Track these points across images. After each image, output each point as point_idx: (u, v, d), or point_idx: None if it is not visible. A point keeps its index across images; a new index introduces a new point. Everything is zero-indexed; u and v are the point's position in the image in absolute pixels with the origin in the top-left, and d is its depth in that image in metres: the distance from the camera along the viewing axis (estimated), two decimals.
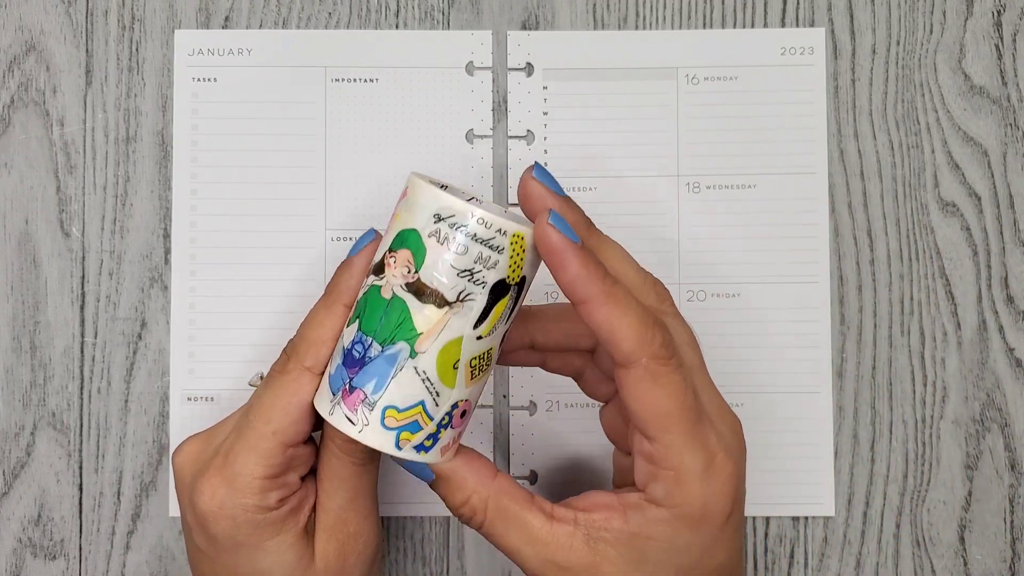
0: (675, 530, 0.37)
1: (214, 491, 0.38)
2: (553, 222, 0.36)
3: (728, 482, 0.37)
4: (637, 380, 0.36)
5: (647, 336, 0.36)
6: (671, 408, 0.36)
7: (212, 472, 0.39)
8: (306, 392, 0.39)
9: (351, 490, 0.41)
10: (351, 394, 0.37)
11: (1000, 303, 0.49)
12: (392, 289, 0.36)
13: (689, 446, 0.36)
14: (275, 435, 0.38)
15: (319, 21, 0.49)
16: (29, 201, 0.49)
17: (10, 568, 0.48)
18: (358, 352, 0.37)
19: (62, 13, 0.49)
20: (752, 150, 0.49)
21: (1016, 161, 0.49)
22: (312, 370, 0.39)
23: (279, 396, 0.39)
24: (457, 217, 0.36)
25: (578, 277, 0.36)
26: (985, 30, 0.49)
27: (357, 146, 0.49)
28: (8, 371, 0.48)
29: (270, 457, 0.38)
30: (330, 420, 0.37)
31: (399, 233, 0.37)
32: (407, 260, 0.36)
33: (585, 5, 0.49)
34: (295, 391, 0.38)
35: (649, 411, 0.37)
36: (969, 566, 0.49)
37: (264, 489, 0.38)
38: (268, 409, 0.39)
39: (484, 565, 0.49)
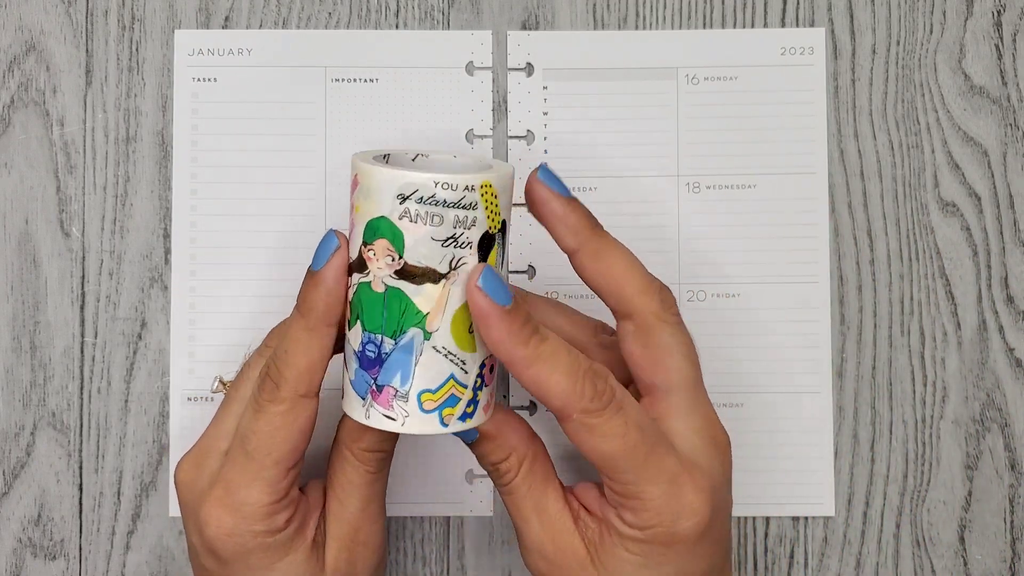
0: (649, 548, 0.37)
1: (220, 520, 0.38)
2: (483, 285, 0.35)
3: (697, 498, 0.37)
4: (574, 432, 0.37)
5: (576, 392, 0.36)
6: (614, 452, 0.37)
7: (214, 502, 0.38)
8: (305, 418, 0.38)
9: (364, 498, 0.40)
10: (381, 393, 0.37)
11: (1000, 303, 0.49)
12: (382, 281, 0.36)
13: (645, 477, 0.37)
14: (278, 464, 0.38)
15: (319, 21, 0.49)
16: (29, 201, 0.49)
17: (10, 568, 0.48)
18: (372, 352, 0.37)
19: (62, 13, 0.49)
20: (752, 150, 0.49)
21: (1016, 161, 0.49)
22: (307, 395, 0.38)
23: (279, 428, 0.38)
24: (421, 190, 0.35)
25: (501, 342, 0.36)
26: (985, 30, 0.49)
27: (357, 146, 0.49)
28: (8, 371, 0.48)
29: (275, 484, 0.38)
30: (368, 423, 0.37)
31: (368, 224, 0.36)
32: (387, 249, 0.36)
33: (585, 5, 0.49)
34: (294, 419, 0.38)
35: (595, 458, 0.37)
36: (969, 566, 0.49)
37: (272, 513, 0.38)
38: (268, 440, 0.38)
39: (484, 565, 0.49)
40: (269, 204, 0.49)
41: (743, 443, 0.48)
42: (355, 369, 0.37)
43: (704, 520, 0.37)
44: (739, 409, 0.48)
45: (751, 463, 0.48)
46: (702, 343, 0.48)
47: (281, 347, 0.38)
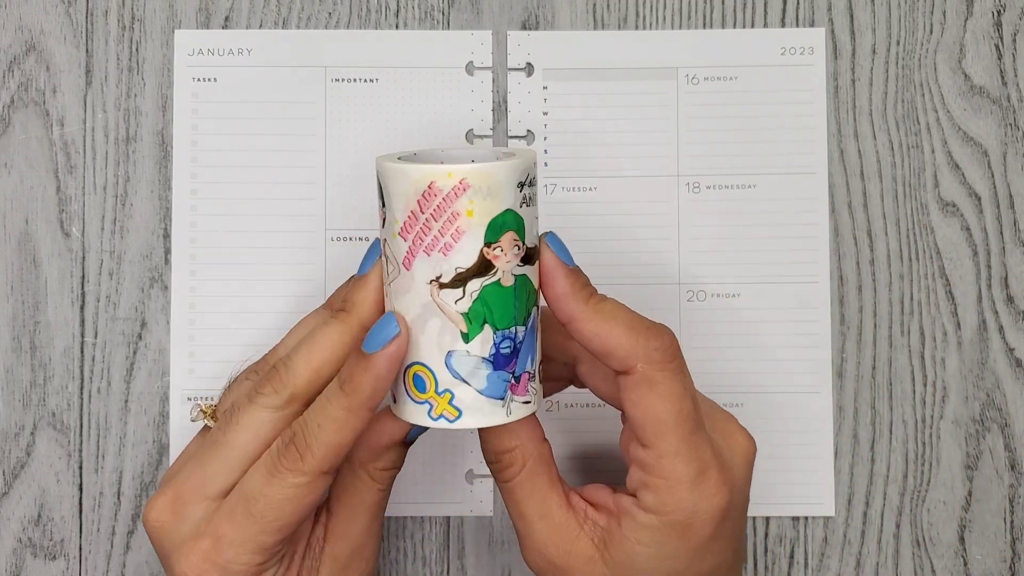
0: (663, 536, 0.37)
1: (204, 574, 0.37)
2: (553, 244, 0.37)
3: (718, 494, 0.37)
4: (634, 385, 0.37)
5: (640, 341, 0.37)
6: (668, 414, 0.37)
7: (200, 555, 0.37)
8: (321, 493, 0.37)
9: (372, 515, 0.40)
10: (519, 383, 0.37)
11: (1000, 303, 0.49)
12: (511, 274, 0.36)
13: (682, 455, 0.37)
14: (280, 531, 0.37)
15: (319, 21, 0.49)
16: (29, 201, 0.49)
17: (10, 568, 0.48)
18: (508, 348, 0.37)
19: (62, 13, 0.49)
20: (752, 150, 0.49)
21: (1016, 161, 0.49)
22: (329, 473, 0.37)
23: (292, 499, 0.36)
24: (531, 173, 0.37)
25: (565, 296, 0.37)
26: (985, 30, 0.49)
27: (357, 146, 0.49)
28: (8, 371, 0.48)
29: (271, 548, 0.37)
30: (509, 419, 0.37)
31: (491, 223, 0.35)
32: (513, 240, 0.36)
33: (585, 5, 0.49)
34: (309, 493, 0.37)
35: (646, 416, 0.37)
36: (969, 566, 0.49)
37: (260, 572, 0.37)
38: (278, 509, 0.36)
39: (484, 565, 0.49)
40: (269, 204, 0.49)
41: None
42: (487, 375, 0.37)
43: (720, 515, 0.37)
44: (739, 409, 0.48)
45: None
46: (702, 343, 0.49)
47: (314, 419, 0.37)
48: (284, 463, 0.36)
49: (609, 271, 0.48)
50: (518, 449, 0.39)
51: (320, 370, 0.38)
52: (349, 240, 0.49)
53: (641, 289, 0.48)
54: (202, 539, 0.37)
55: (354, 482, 0.40)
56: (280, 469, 0.36)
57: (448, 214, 0.35)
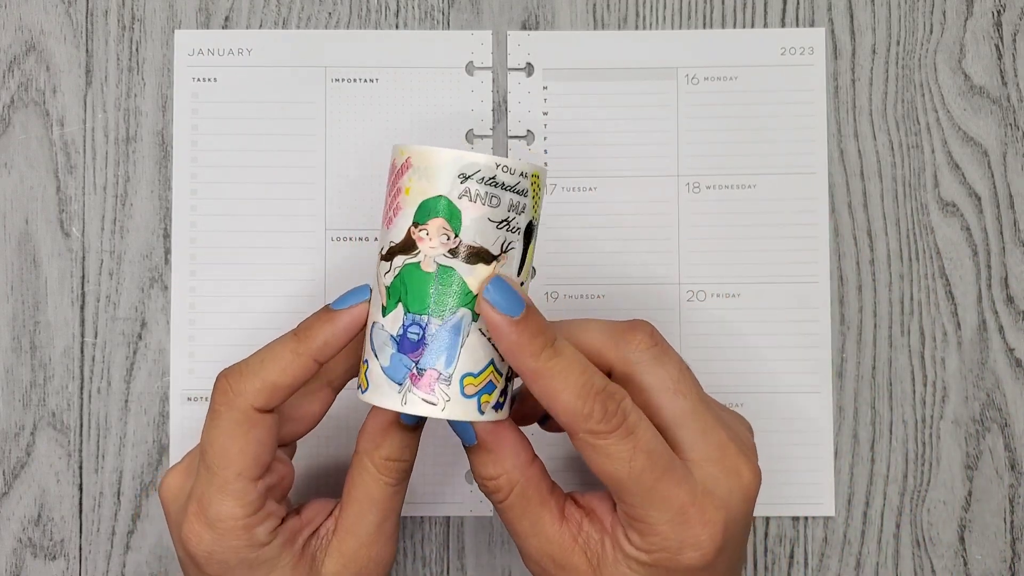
0: (652, 571, 0.37)
1: (200, 537, 0.37)
2: (489, 297, 0.35)
3: (703, 531, 0.36)
4: (580, 448, 0.37)
5: (584, 411, 0.36)
6: (619, 475, 0.36)
7: (192, 518, 0.38)
8: (261, 429, 0.37)
9: (382, 512, 0.39)
10: (422, 376, 0.36)
11: (1000, 303, 0.49)
12: (434, 260, 0.36)
13: (651, 504, 0.36)
14: (240, 476, 0.37)
15: (319, 21, 0.49)
16: (29, 201, 0.49)
17: (10, 568, 0.48)
18: (415, 334, 0.36)
19: (62, 13, 0.49)
20: (752, 150, 0.49)
21: (1016, 161, 0.49)
22: (262, 409, 0.37)
23: (235, 439, 0.37)
24: (483, 171, 0.36)
25: (510, 352, 0.36)
26: (985, 30, 0.49)
27: (357, 146, 0.49)
28: (8, 371, 0.48)
29: (243, 496, 0.37)
30: (404, 410, 0.37)
31: (422, 204, 0.36)
32: (442, 228, 0.36)
33: (585, 5, 0.49)
34: (250, 430, 0.37)
35: (601, 477, 0.37)
36: (969, 566, 0.49)
37: (249, 527, 0.37)
38: (224, 453, 0.37)
39: (484, 565, 0.49)
40: (269, 204, 0.49)
41: None
42: (391, 355, 0.37)
43: (710, 554, 0.36)
44: (739, 409, 0.48)
45: None
46: (702, 343, 0.49)
47: (256, 357, 0.37)
48: (217, 400, 0.37)
49: (609, 271, 0.48)
50: (504, 476, 0.38)
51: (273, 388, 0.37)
52: (349, 240, 0.48)
53: (641, 289, 0.48)
54: (191, 503, 0.38)
55: (361, 475, 0.39)
56: (216, 408, 0.37)
57: (395, 189, 0.37)
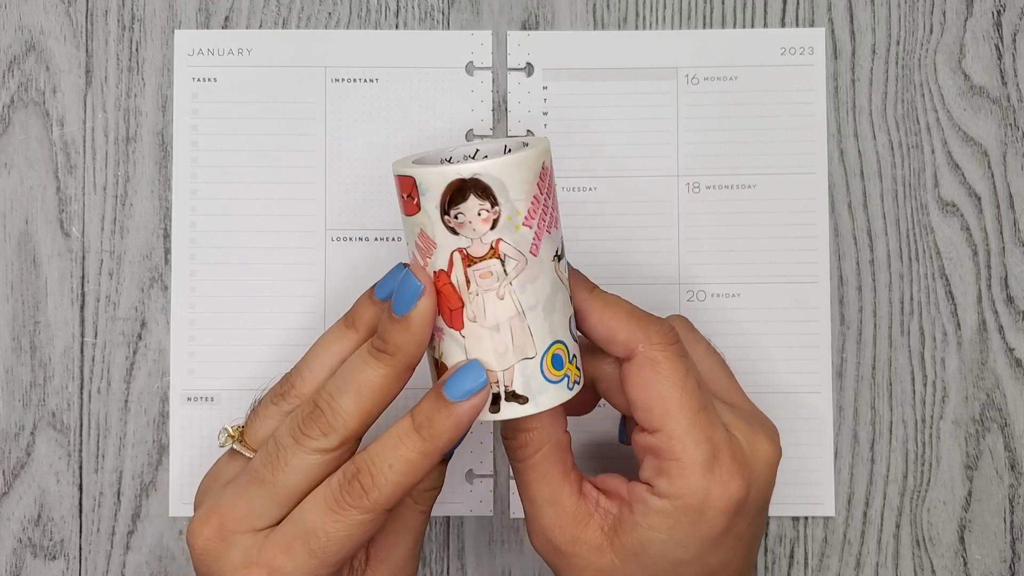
0: (675, 522, 0.37)
1: None
2: None
3: (732, 482, 0.37)
4: (638, 368, 0.37)
5: (640, 326, 0.38)
6: (672, 394, 0.37)
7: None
8: (378, 528, 0.37)
9: (416, 537, 0.40)
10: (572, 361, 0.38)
11: (1000, 303, 0.49)
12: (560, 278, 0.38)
13: (692, 436, 0.37)
14: (337, 564, 0.37)
15: (319, 21, 0.49)
16: (29, 201, 0.49)
17: (10, 568, 0.48)
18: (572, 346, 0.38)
19: (62, 13, 0.49)
20: (752, 150, 0.49)
21: (1016, 161, 0.49)
22: (392, 510, 0.37)
23: (355, 536, 0.36)
24: None
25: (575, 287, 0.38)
26: (985, 30, 0.49)
27: (357, 146, 0.49)
28: (8, 371, 0.48)
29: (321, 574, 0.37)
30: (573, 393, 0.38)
31: None
32: None
33: (585, 5, 0.49)
34: (371, 530, 0.36)
35: (651, 397, 0.37)
36: (969, 566, 0.49)
37: None
38: (340, 546, 0.36)
39: (484, 565, 0.49)
40: (269, 204, 0.49)
41: None
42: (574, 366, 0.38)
43: (734, 506, 0.37)
44: None
45: None
46: None
47: (384, 458, 0.36)
48: (348, 499, 0.36)
49: (609, 271, 0.48)
50: (537, 431, 0.39)
51: (371, 413, 0.37)
52: (349, 240, 0.48)
53: (641, 289, 0.48)
54: (254, 568, 0.36)
55: (398, 508, 0.39)
56: (344, 506, 0.36)
57: (554, 189, 0.38)
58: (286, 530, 0.37)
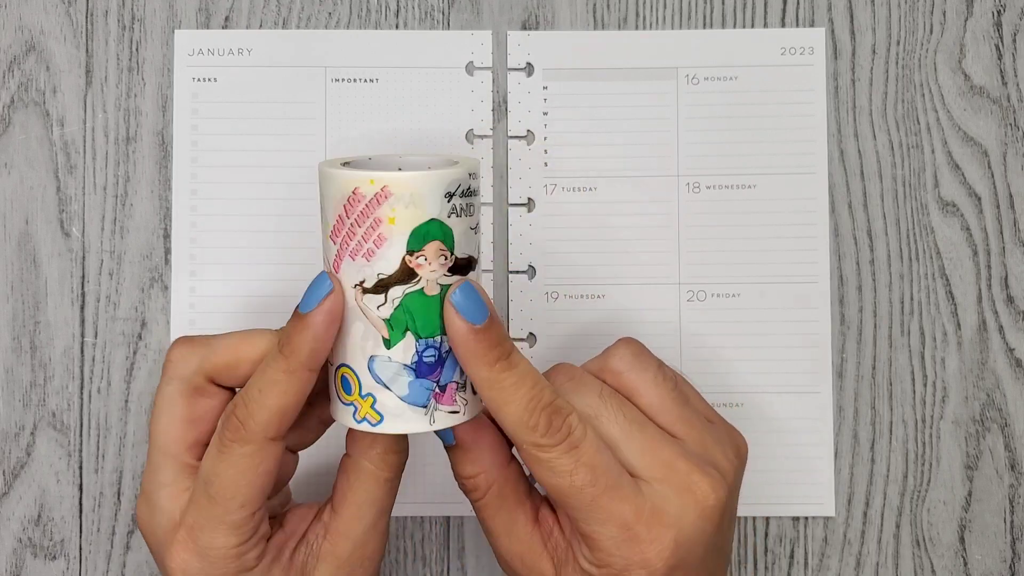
0: None
1: (187, 564, 0.37)
2: (455, 301, 0.35)
3: (651, 549, 0.36)
4: (525, 461, 0.37)
5: (528, 424, 0.36)
6: (560, 488, 0.36)
7: (179, 547, 0.37)
8: (272, 461, 0.37)
9: (379, 509, 0.39)
10: (445, 392, 0.37)
11: (1000, 303, 0.49)
12: (436, 283, 0.36)
13: (592, 518, 0.36)
14: (243, 507, 0.36)
15: (319, 21, 0.49)
16: (29, 201, 0.49)
17: (10, 568, 0.48)
18: (431, 357, 0.36)
19: (62, 13, 0.49)
20: (752, 150, 0.49)
21: (1016, 161, 0.49)
22: (275, 439, 0.37)
23: (244, 471, 0.36)
24: (462, 184, 0.36)
25: (466, 359, 0.36)
26: (985, 30, 0.49)
27: (357, 146, 0.49)
28: (8, 371, 0.48)
29: (240, 526, 0.37)
30: (433, 427, 0.37)
31: (414, 232, 0.35)
32: (440, 249, 0.36)
33: (585, 5, 0.49)
34: (260, 462, 0.36)
35: (546, 488, 0.37)
36: (969, 566, 0.49)
37: (240, 555, 0.37)
38: (233, 484, 0.36)
39: (484, 565, 0.49)
40: (269, 204, 0.49)
41: None
42: (410, 383, 0.36)
43: (658, 573, 0.36)
44: (739, 409, 0.48)
45: (751, 463, 0.48)
46: (702, 343, 0.49)
47: (254, 386, 0.36)
48: (228, 435, 0.36)
49: (609, 271, 0.48)
50: (482, 475, 0.39)
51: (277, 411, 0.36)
52: None
53: (641, 289, 0.48)
54: (178, 530, 0.37)
55: (358, 477, 0.39)
56: (226, 443, 0.36)
57: (371, 220, 0.36)
58: (196, 487, 0.37)
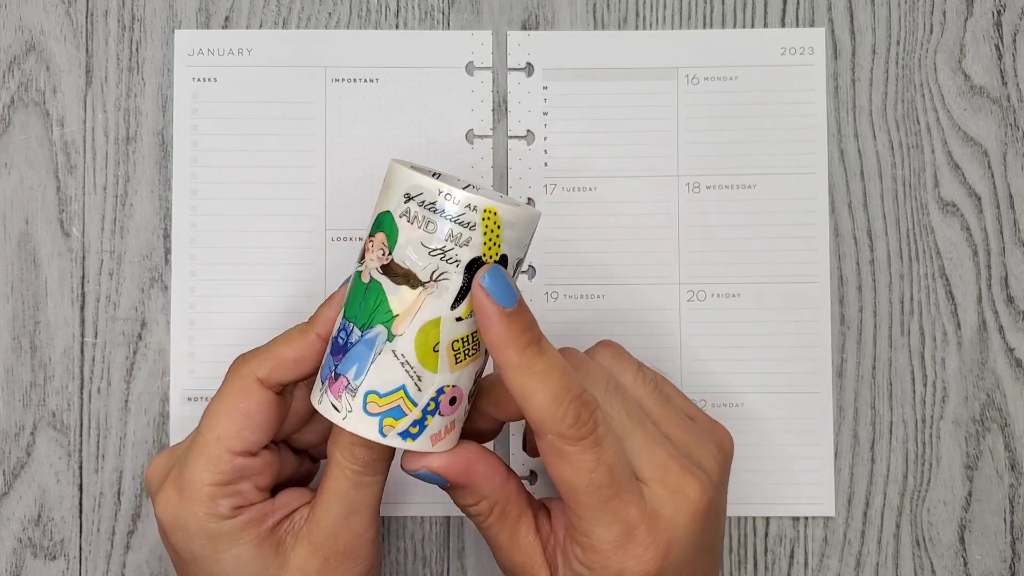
0: None
1: (168, 501, 0.38)
2: (484, 284, 0.35)
3: (646, 553, 0.36)
4: (545, 452, 0.37)
5: (556, 414, 0.36)
6: (577, 484, 0.36)
7: (169, 482, 0.39)
8: (254, 401, 0.38)
9: (346, 506, 0.39)
10: (336, 381, 0.37)
11: (1000, 303, 0.49)
12: (370, 273, 0.36)
13: (601, 519, 0.36)
14: (219, 440, 0.38)
15: (319, 21, 0.49)
16: (29, 201, 0.49)
17: (10, 568, 0.48)
18: (342, 339, 0.37)
19: (62, 13, 0.49)
20: (752, 150, 0.49)
21: (1016, 161, 0.49)
22: (264, 382, 0.39)
23: (225, 402, 0.39)
24: (425, 195, 0.35)
25: (496, 344, 0.36)
26: (985, 30, 0.49)
27: (357, 146, 0.49)
28: (8, 371, 0.48)
29: (217, 463, 0.38)
30: (319, 409, 0.37)
31: (376, 217, 0.37)
32: (382, 243, 0.36)
33: (585, 5, 0.49)
34: (242, 398, 0.38)
35: (559, 483, 0.37)
36: (969, 566, 0.49)
37: (213, 496, 0.38)
38: (213, 415, 0.39)
39: (484, 565, 0.49)
40: (269, 204, 0.49)
41: (743, 443, 0.48)
42: (327, 354, 0.38)
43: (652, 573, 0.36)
44: (739, 409, 0.48)
45: (751, 463, 0.48)
46: (702, 343, 0.49)
47: (272, 339, 0.40)
48: (227, 373, 0.39)
49: (609, 271, 0.48)
50: (484, 501, 0.39)
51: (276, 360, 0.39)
52: (349, 240, 0.48)
53: (641, 289, 0.48)
54: (175, 468, 0.39)
55: (329, 468, 0.39)
56: (225, 379, 0.39)
57: None
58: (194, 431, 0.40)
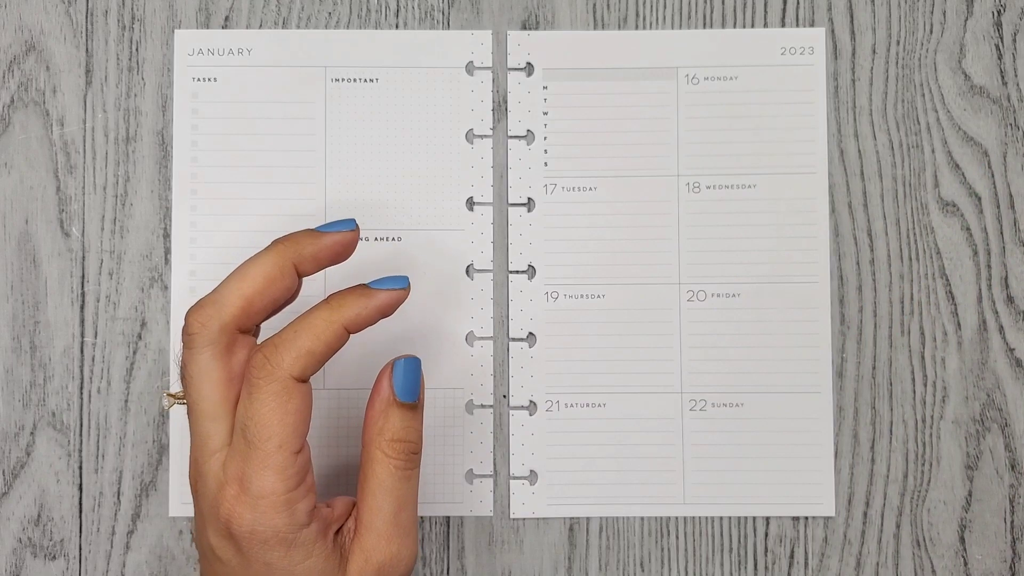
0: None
1: (241, 517, 0.37)
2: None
3: None
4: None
5: None
6: None
7: (231, 500, 0.37)
8: (299, 400, 0.38)
9: (396, 500, 0.39)
10: None
11: (1000, 303, 0.49)
12: None
13: None
14: (282, 448, 0.37)
15: (319, 21, 0.49)
16: (29, 201, 0.49)
17: (10, 568, 0.48)
18: None
19: (62, 13, 0.49)
20: (752, 150, 0.49)
21: (1016, 161, 0.49)
22: (300, 381, 0.38)
23: (275, 409, 0.37)
24: None
25: None
26: (985, 30, 0.49)
27: (357, 146, 0.49)
28: (8, 371, 0.48)
29: (285, 470, 0.37)
30: None
31: None
32: None
33: (585, 5, 0.49)
34: (289, 400, 0.37)
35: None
36: (969, 566, 0.49)
37: (291, 503, 0.37)
38: (267, 424, 0.37)
39: (484, 565, 0.49)
40: (269, 204, 0.49)
41: (743, 443, 0.48)
42: None
43: None
44: (739, 409, 0.48)
45: (751, 463, 0.48)
46: (702, 343, 0.49)
47: (291, 328, 0.38)
48: (254, 374, 0.37)
49: (609, 271, 0.48)
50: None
51: (249, 297, 0.38)
52: None
53: (641, 289, 0.48)
54: (227, 487, 0.38)
55: (371, 465, 0.39)
56: (254, 382, 0.37)
57: None
58: (235, 439, 0.38)
